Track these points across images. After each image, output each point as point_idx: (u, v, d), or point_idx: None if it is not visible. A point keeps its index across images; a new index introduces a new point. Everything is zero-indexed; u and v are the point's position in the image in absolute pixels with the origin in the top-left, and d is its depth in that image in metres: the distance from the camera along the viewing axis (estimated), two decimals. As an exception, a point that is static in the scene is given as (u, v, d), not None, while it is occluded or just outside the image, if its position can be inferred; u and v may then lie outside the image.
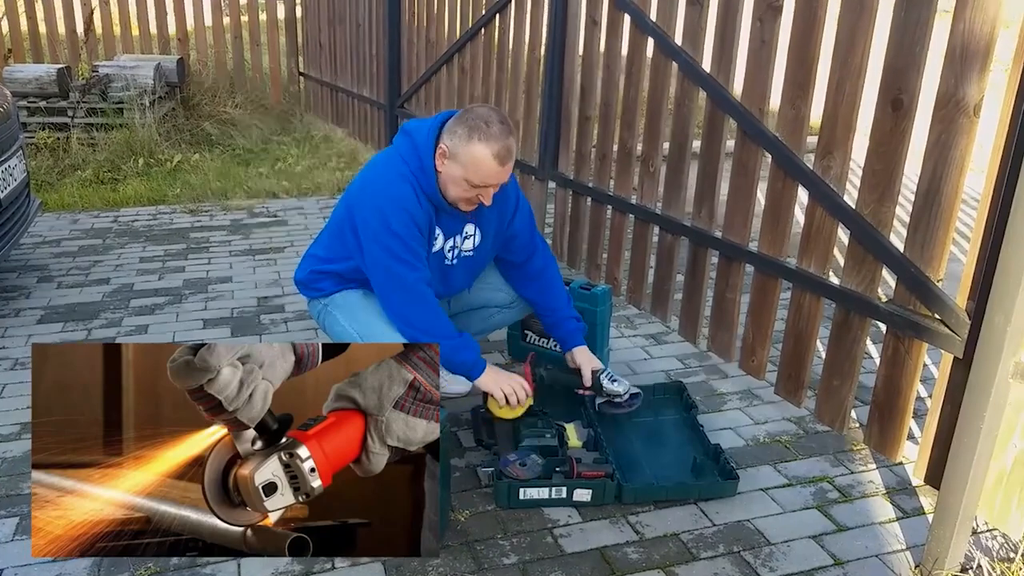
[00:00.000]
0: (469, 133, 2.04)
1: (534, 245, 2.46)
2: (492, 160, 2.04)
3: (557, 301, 2.46)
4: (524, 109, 4.02)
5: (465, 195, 2.12)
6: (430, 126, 2.15)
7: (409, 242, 2.11)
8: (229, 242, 4.17)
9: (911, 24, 2.07)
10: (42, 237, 4.15)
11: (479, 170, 2.05)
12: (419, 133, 2.16)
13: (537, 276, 2.47)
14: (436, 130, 2.13)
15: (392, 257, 2.10)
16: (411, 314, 2.15)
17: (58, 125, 5.80)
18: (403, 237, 2.10)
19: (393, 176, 2.14)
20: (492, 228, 2.34)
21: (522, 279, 2.49)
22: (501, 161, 2.05)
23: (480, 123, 2.04)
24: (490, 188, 2.11)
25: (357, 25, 6.10)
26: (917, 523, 2.06)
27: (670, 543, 1.96)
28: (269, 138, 6.58)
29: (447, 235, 2.26)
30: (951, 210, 2.05)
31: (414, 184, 2.13)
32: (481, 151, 2.03)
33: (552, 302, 2.46)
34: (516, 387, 2.18)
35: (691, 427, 2.41)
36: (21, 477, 2.14)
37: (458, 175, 2.08)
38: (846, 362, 2.40)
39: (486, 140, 2.03)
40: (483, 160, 2.04)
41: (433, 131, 2.13)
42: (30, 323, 3.12)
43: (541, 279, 2.47)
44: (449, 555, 1.89)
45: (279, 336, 3.04)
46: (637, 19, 3.12)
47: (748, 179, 2.68)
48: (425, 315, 2.14)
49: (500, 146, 2.04)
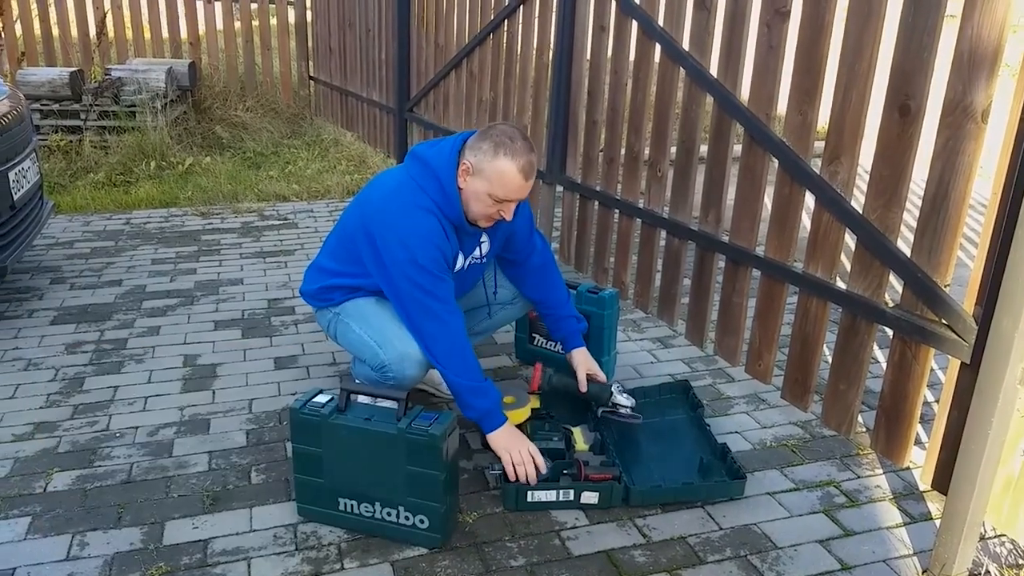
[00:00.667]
0: (495, 149, 2.08)
1: (532, 243, 2.49)
2: (518, 175, 2.07)
3: (557, 298, 2.49)
4: (532, 113, 4.03)
5: (487, 211, 2.14)
6: (451, 147, 2.16)
7: (437, 274, 2.12)
8: (240, 244, 4.19)
9: (918, 29, 2.08)
10: (55, 239, 4.19)
11: (504, 184, 2.08)
12: (437, 157, 2.16)
13: (536, 273, 2.50)
14: (457, 150, 2.15)
15: (422, 291, 2.11)
16: (440, 350, 2.13)
17: (71, 128, 5.85)
18: (432, 271, 2.11)
19: (415, 208, 2.13)
20: (500, 231, 2.37)
21: (522, 277, 2.52)
22: (526, 176, 2.09)
23: (505, 139, 2.08)
24: (512, 203, 2.14)
25: (367, 30, 6.13)
26: (924, 528, 2.06)
27: (677, 546, 1.97)
28: (279, 141, 6.62)
29: (467, 255, 2.30)
30: (958, 215, 2.05)
31: (438, 215, 2.14)
32: (507, 166, 2.07)
33: (551, 299, 2.49)
34: (526, 458, 2.05)
35: (698, 427, 2.42)
36: (34, 476, 2.17)
37: (482, 190, 2.10)
38: (853, 367, 2.41)
39: (512, 155, 2.07)
40: (508, 174, 2.07)
41: (455, 151, 2.15)
42: (43, 324, 3.15)
43: (540, 276, 2.50)
44: (457, 557, 1.90)
45: (289, 338, 3.06)
46: (644, 24, 3.14)
47: (755, 184, 2.69)
48: (453, 351, 2.12)
49: (525, 160, 2.08)
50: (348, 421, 1.89)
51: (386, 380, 2.23)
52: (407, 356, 2.18)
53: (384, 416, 1.90)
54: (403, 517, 1.91)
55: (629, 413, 2.36)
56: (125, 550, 1.90)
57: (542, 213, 4.11)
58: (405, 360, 2.19)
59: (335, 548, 1.92)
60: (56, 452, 2.29)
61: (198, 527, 1.99)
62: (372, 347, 2.24)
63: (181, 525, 1.99)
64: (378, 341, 2.23)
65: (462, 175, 2.13)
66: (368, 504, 1.93)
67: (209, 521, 2.01)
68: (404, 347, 2.19)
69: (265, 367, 2.84)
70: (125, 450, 2.31)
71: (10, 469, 2.20)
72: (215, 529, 1.98)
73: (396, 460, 1.87)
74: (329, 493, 1.96)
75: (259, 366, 2.84)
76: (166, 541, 1.93)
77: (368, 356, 2.26)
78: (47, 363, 2.82)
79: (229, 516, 2.03)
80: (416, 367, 2.20)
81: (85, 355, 2.89)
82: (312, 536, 1.96)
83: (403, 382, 2.22)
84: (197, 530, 1.97)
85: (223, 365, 2.84)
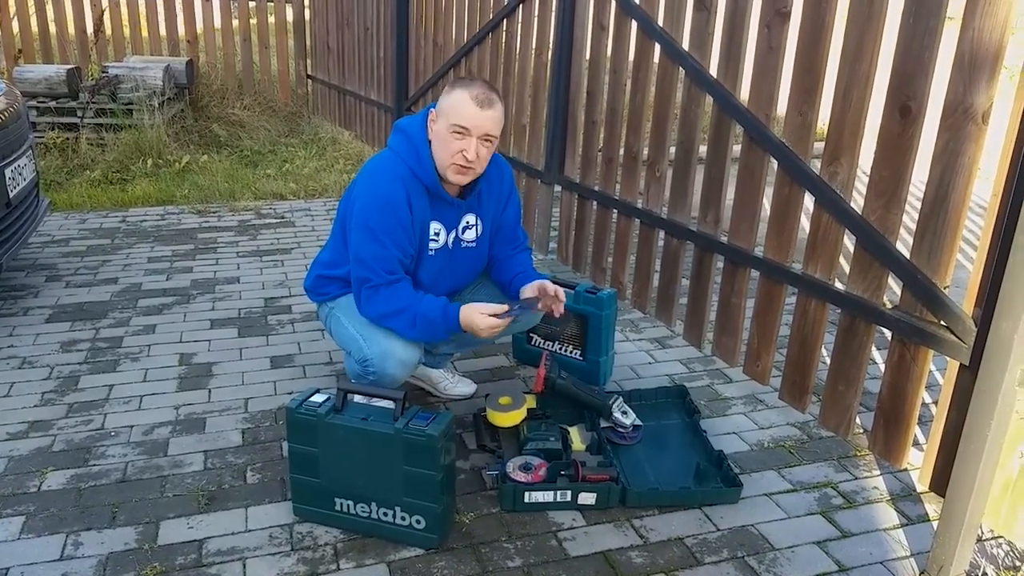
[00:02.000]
0: (451, 86, 2.14)
1: (517, 239, 2.46)
2: (471, 101, 2.08)
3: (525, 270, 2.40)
4: (531, 113, 4.03)
5: (451, 150, 2.10)
6: (427, 108, 2.21)
7: (384, 241, 2.12)
8: (237, 243, 4.18)
9: (919, 31, 2.07)
10: (51, 236, 4.17)
11: (459, 112, 2.09)
12: (411, 121, 2.22)
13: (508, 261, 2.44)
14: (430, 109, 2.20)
15: (359, 262, 2.14)
16: (372, 312, 2.15)
17: (67, 125, 5.83)
18: (379, 239, 2.11)
19: (385, 176, 2.17)
20: (490, 215, 2.36)
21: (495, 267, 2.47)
22: (480, 103, 2.08)
23: (464, 79, 2.16)
24: (473, 139, 2.10)
25: (365, 28, 6.12)
26: (922, 530, 2.06)
27: (674, 547, 1.96)
28: (277, 140, 6.61)
29: (448, 227, 2.27)
30: (958, 217, 2.05)
31: (407, 179, 2.15)
32: (460, 94, 2.10)
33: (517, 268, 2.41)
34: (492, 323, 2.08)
35: (694, 432, 2.41)
36: (28, 475, 2.16)
37: (443, 128, 2.12)
38: (851, 368, 2.40)
39: (466, 87, 2.11)
40: (462, 102, 2.08)
41: (428, 110, 2.20)
42: (38, 322, 3.13)
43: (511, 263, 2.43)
44: (453, 557, 1.90)
45: (286, 337, 3.05)
46: (644, 24, 3.13)
47: (754, 184, 2.68)
48: (390, 314, 2.14)
49: (479, 90, 2.10)
50: (345, 421, 1.88)
51: (367, 375, 2.21)
52: (389, 353, 2.16)
53: (381, 416, 1.89)
54: (399, 517, 1.91)
55: (628, 431, 2.36)
56: (119, 550, 1.88)
57: (540, 213, 4.10)
58: (387, 357, 2.16)
59: (331, 548, 1.91)
60: (50, 451, 2.27)
61: (193, 527, 1.97)
62: (358, 341, 2.22)
63: (176, 525, 1.98)
64: (364, 335, 2.21)
65: (429, 125, 2.17)
66: (364, 504, 1.92)
67: (204, 521, 2.00)
68: (388, 344, 2.17)
69: (261, 366, 2.83)
70: (120, 449, 2.29)
71: (4, 468, 2.19)
72: (210, 529, 1.97)
73: (393, 460, 1.86)
74: (325, 493, 1.95)
75: (255, 365, 2.83)
76: (161, 541, 1.92)
77: (354, 350, 2.24)
78: (42, 361, 2.81)
79: (224, 516, 2.02)
80: (398, 365, 2.18)
81: (80, 353, 2.88)
82: (308, 536, 1.95)
83: (383, 379, 2.19)
84: (192, 530, 1.96)
85: (219, 364, 2.83)
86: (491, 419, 2.31)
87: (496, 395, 2.36)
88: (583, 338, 2.71)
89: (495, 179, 2.34)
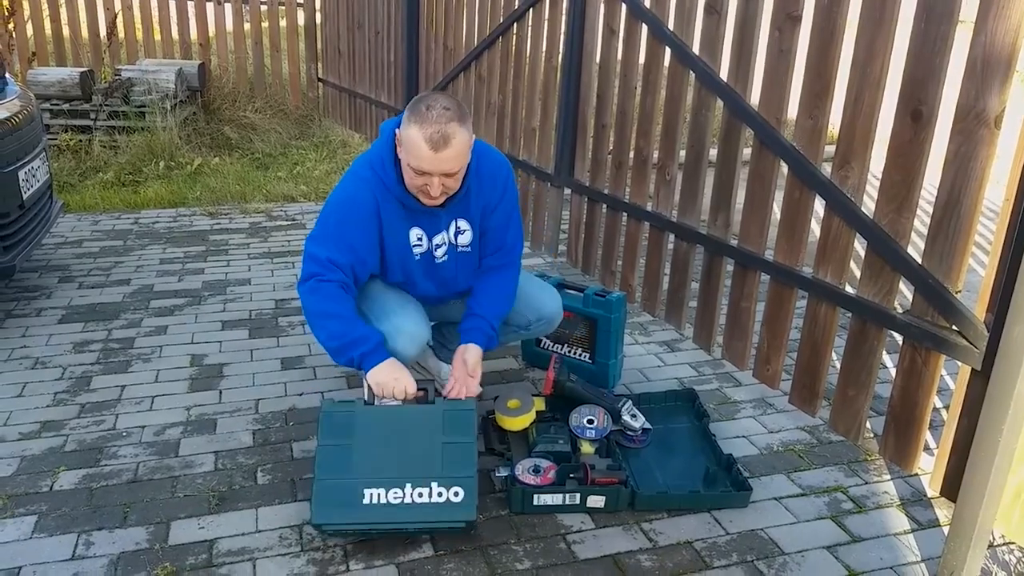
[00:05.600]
0: (408, 115, 1.97)
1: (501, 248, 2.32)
2: (423, 143, 1.92)
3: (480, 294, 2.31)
4: (541, 116, 4.03)
5: (413, 183, 2.04)
6: (399, 117, 2.09)
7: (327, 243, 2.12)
8: (248, 245, 4.20)
9: (931, 35, 2.07)
10: (64, 238, 4.20)
11: (414, 154, 1.96)
12: (387, 127, 2.13)
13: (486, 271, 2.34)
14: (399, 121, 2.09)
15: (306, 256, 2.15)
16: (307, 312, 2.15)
17: (80, 128, 5.88)
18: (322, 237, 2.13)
19: (355, 179, 2.15)
20: (477, 219, 2.27)
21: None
22: (434, 145, 1.92)
23: (421, 106, 1.95)
24: (434, 177, 1.99)
25: (376, 32, 6.14)
26: (933, 535, 2.05)
27: (683, 551, 1.96)
28: (288, 143, 6.63)
29: (430, 233, 2.22)
30: (970, 221, 2.04)
31: (377, 187, 2.11)
32: (414, 134, 1.94)
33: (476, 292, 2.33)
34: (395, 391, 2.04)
35: (703, 436, 2.41)
36: (40, 475, 2.17)
37: (404, 160, 2.02)
38: (862, 372, 2.39)
39: (420, 123, 1.92)
40: (416, 143, 1.94)
41: (397, 123, 2.10)
42: (51, 323, 3.15)
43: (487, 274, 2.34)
44: (462, 559, 1.90)
45: (297, 338, 3.06)
46: (654, 28, 3.13)
47: (764, 188, 2.68)
48: (317, 315, 2.12)
49: (434, 130, 1.91)
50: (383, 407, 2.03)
51: None
52: (401, 330, 2.18)
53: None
54: (436, 494, 1.89)
55: (637, 435, 2.36)
56: (131, 550, 1.90)
57: (550, 216, 4.10)
58: (399, 334, 2.18)
59: (340, 549, 1.92)
60: (63, 451, 2.29)
61: (204, 527, 1.98)
62: (368, 320, 2.22)
63: (187, 525, 1.99)
64: (376, 314, 2.23)
65: (397, 146, 2.06)
66: (397, 489, 1.89)
67: (215, 521, 2.01)
68: (400, 321, 2.18)
69: (272, 367, 2.84)
70: (131, 449, 2.31)
71: (17, 467, 2.21)
72: (221, 529, 1.98)
73: (432, 434, 1.96)
74: (353, 490, 1.89)
75: (266, 366, 2.84)
76: (172, 541, 1.93)
77: None
78: (54, 362, 2.83)
79: (235, 516, 2.03)
80: (409, 341, 2.19)
81: (92, 354, 2.90)
82: (317, 537, 1.96)
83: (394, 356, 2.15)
84: (203, 530, 1.97)
85: (230, 365, 2.84)
86: (500, 423, 2.31)
87: (505, 398, 2.36)
88: (592, 341, 2.71)
89: (486, 181, 2.22)
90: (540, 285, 2.53)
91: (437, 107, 1.94)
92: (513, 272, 2.37)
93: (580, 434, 2.27)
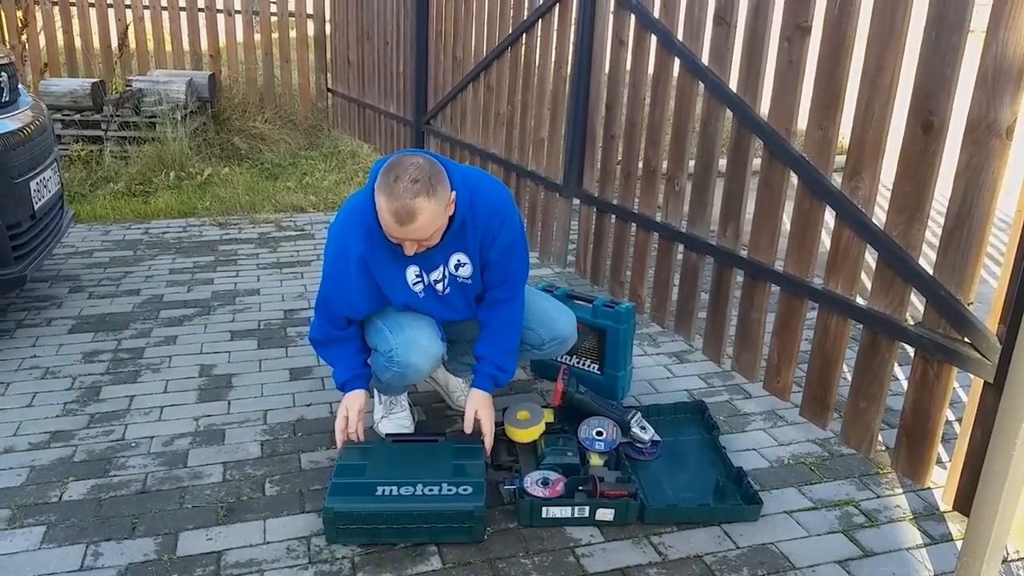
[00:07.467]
0: (380, 181, 1.95)
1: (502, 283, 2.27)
2: (389, 216, 1.92)
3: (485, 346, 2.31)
4: (549, 127, 4.04)
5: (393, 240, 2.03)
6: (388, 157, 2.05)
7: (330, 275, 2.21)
8: (257, 255, 4.21)
9: (942, 45, 2.06)
10: (74, 248, 4.23)
11: (383, 221, 1.97)
12: (373, 173, 2.06)
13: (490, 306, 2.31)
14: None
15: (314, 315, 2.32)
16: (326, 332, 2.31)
17: (92, 138, 5.92)
18: (322, 305, 2.26)
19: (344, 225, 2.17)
20: (476, 253, 2.21)
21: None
22: (399, 220, 1.91)
23: (391, 176, 1.91)
24: (407, 243, 2.00)
25: (385, 43, 6.17)
26: (945, 550, 2.03)
27: (693, 565, 1.94)
28: (297, 153, 6.66)
29: (427, 270, 2.19)
30: (982, 233, 2.02)
31: (362, 235, 2.11)
32: (381, 204, 1.93)
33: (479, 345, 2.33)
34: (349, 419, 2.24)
35: (713, 448, 2.39)
36: (49, 485, 2.17)
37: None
38: (873, 384, 2.37)
39: (387, 195, 1.91)
40: (383, 214, 1.94)
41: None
42: (61, 332, 3.17)
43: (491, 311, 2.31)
44: (471, 572, 1.89)
45: (305, 349, 3.06)
46: (664, 39, 3.13)
47: (774, 199, 2.67)
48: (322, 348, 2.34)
49: (399, 204, 1.89)
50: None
51: (392, 367, 2.22)
52: (414, 342, 2.20)
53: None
54: (446, 489, 2.01)
55: (646, 447, 2.35)
56: (139, 561, 1.89)
57: (558, 226, 4.10)
58: (413, 346, 2.20)
59: (348, 562, 1.91)
60: (72, 461, 2.29)
61: (212, 538, 1.98)
62: (384, 332, 2.24)
63: (195, 536, 1.99)
64: (391, 327, 2.24)
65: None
66: (409, 487, 2.02)
67: (223, 533, 2.01)
68: (414, 335, 2.21)
69: (280, 378, 2.84)
70: (140, 460, 2.31)
71: (26, 478, 2.21)
72: (229, 541, 1.97)
73: (442, 456, 2.14)
74: (367, 486, 2.02)
75: (274, 377, 2.85)
76: (180, 552, 1.93)
77: (380, 342, 2.25)
78: (64, 372, 2.84)
79: (243, 528, 2.03)
80: (422, 355, 2.21)
81: (102, 364, 2.91)
82: (325, 549, 1.95)
83: (407, 369, 2.20)
84: (211, 541, 1.97)
85: (238, 376, 2.85)
86: (509, 435, 2.30)
87: (514, 410, 2.36)
88: (601, 352, 2.70)
89: (481, 217, 2.14)
90: (556, 306, 2.48)
91: (405, 179, 1.90)
92: (519, 302, 2.34)
93: (589, 446, 2.26)
